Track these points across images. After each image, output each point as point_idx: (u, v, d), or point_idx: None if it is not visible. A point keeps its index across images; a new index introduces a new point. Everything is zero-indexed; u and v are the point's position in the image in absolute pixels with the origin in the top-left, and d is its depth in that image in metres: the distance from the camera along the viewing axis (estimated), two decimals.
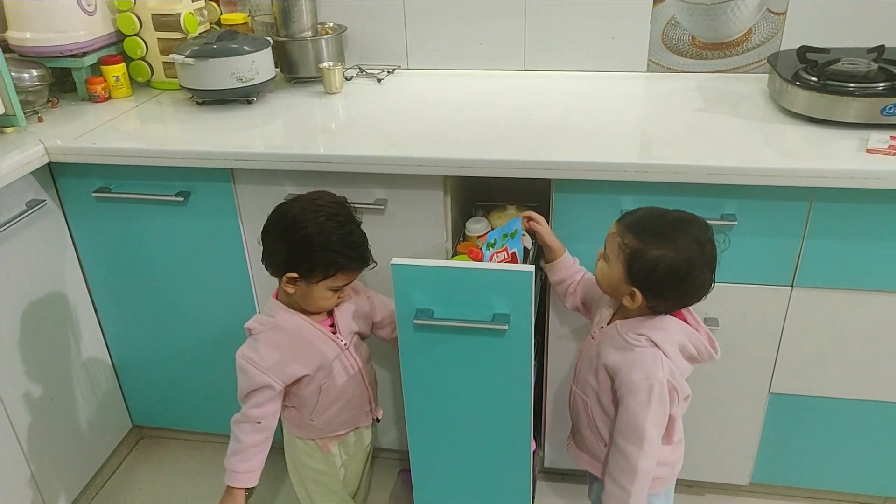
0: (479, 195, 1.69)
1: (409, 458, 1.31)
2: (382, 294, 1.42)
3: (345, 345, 1.32)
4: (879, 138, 1.38)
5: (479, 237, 1.51)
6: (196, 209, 1.57)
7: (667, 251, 1.11)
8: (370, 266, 1.27)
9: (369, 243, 1.28)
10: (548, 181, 1.42)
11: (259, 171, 1.49)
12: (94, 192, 1.58)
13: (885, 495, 1.71)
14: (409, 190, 1.47)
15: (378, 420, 1.45)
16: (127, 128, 1.64)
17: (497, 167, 1.39)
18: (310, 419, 1.33)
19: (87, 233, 1.66)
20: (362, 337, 1.40)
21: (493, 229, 1.51)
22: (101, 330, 1.79)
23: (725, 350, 1.23)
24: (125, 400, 1.91)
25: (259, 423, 1.28)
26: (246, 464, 1.29)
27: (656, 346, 1.15)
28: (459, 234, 1.56)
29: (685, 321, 1.20)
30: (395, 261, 1.12)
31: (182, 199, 1.55)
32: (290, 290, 1.25)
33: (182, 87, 1.75)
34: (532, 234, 1.39)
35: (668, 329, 1.17)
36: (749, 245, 1.39)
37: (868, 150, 1.34)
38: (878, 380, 1.51)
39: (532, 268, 1.09)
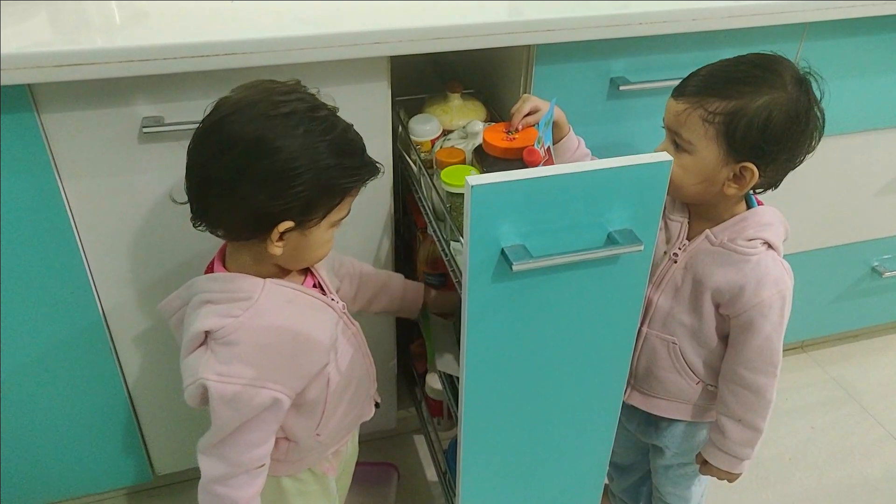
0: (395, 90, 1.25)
1: None
2: None
3: (342, 307, 0.90)
4: None
5: (432, 140, 1.11)
6: None
7: (774, 95, 0.84)
8: (381, 172, 0.83)
9: None
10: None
11: (88, 83, 0.89)
12: None
13: (802, 340, 1.77)
14: (336, 86, 1.00)
15: (378, 406, 1.02)
16: None
17: (468, 35, 1.00)
18: (315, 434, 0.89)
19: None
20: None
21: (445, 133, 1.12)
22: None
23: None
24: None
25: (261, 465, 0.82)
26: None
27: (772, 247, 0.91)
28: (395, 140, 1.14)
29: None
30: (472, 180, 0.69)
31: None
32: (278, 249, 0.77)
33: None
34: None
35: (773, 221, 0.93)
36: None
37: None
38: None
39: (668, 156, 0.75)
